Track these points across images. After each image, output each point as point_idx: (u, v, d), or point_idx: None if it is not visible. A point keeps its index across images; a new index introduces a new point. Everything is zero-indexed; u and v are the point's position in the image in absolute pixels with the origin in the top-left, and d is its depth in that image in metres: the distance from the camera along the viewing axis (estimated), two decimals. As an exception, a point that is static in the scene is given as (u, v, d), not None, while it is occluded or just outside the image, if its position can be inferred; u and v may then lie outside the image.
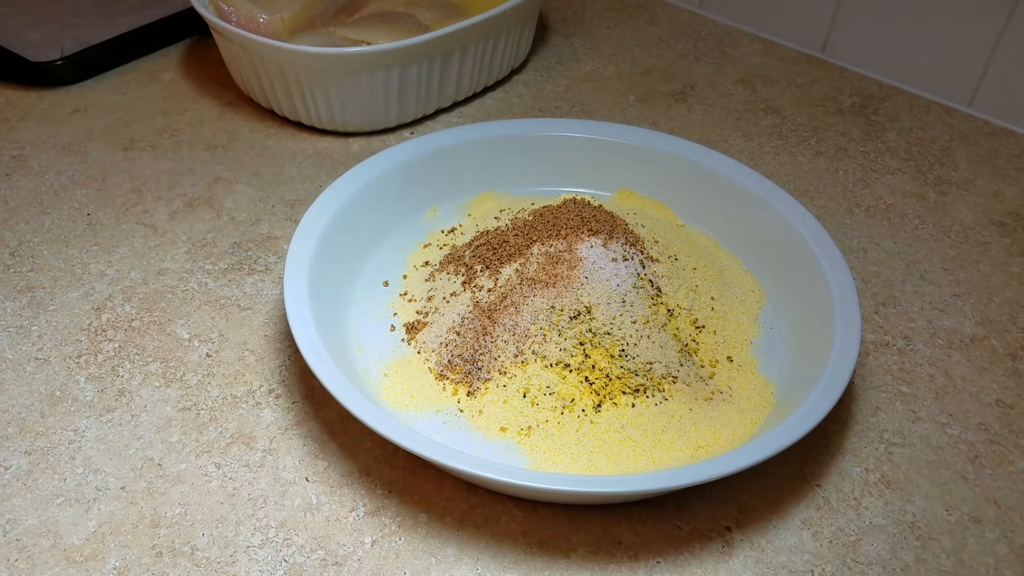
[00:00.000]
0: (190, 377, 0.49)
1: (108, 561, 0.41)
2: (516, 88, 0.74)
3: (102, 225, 0.58)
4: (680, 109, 0.72)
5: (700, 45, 0.81)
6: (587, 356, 0.46)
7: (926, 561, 0.42)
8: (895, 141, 0.69)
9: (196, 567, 0.40)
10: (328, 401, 0.47)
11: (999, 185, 0.65)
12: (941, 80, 0.73)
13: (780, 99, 0.74)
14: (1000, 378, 0.51)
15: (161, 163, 0.64)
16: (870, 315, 0.54)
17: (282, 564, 0.41)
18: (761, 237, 0.54)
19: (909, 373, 0.51)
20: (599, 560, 0.41)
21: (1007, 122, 0.71)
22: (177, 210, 0.60)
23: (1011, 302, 0.56)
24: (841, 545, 0.42)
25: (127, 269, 0.55)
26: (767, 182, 0.54)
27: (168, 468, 0.44)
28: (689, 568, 0.41)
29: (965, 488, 0.45)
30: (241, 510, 0.43)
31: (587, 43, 0.81)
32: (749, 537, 0.42)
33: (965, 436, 0.48)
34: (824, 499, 0.44)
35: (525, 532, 0.42)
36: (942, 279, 0.57)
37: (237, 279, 0.55)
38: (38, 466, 0.44)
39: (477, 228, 0.56)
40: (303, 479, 0.44)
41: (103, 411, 0.47)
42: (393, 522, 0.42)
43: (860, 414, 0.48)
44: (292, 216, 0.60)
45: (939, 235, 0.61)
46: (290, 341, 0.51)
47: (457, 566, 0.41)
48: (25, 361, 0.49)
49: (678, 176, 0.57)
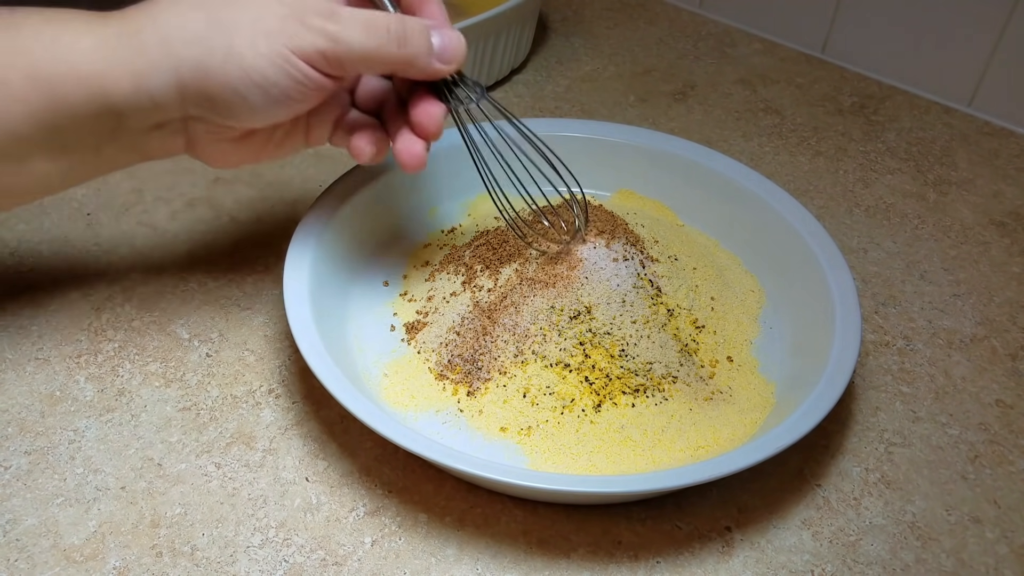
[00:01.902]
0: (190, 377, 0.49)
1: (108, 561, 0.41)
2: (516, 88, 0.74)
3: (102, 225, 0.58)
4: (680, 109, 0.72)
5: (700, 45, 0.81)
6: (587, 356, 0.46)
7: (926, 561, 0.42)
8: (895, 141, 0.69)
9: (196, 567, 0.40)
10: (328, 401, 0.47)
11: (999, 185, 0.65)
12: (941, 80, 0.73)
13: (780, 99, 0.74)
14: (1000, 378, 0.51)
15: (161, 163, 0.64)
16: (870, 315, 0.54)
17: (282, 564, 0.41)
18: (761, 237, 0.54)
19: (909, 373, 0.51)
20: (599, 560, 0.41)
21: (1007, 122, 0.71)
22: (177, 210, 0.60)
23: (1011, 302, 0.56)
24: (841, 545, 0.42)
25: (127, 269, 0.55)
26: (767, 182, 0.54)
27: (168, 468, 0.44)
28: (689, 568, 0.41)
29: (965, 488, 0.45)
30: (241, 510, 0.43)
31: (587, 43, 0.81)
32: (749, 537, 0.43)
33: (965, 436, 0.48)
34: (824, 499, 0.44)
35: (525, 532, 0.42)
36: (942, 279, 0.57)
37: (237, 279, 0.55)
38: (38, 466, 0.44)
39: (477, 228, 0.56)
40: (303, 479, 0.44)
41: (103, 411, 0.47)
42: (393, 522, 0.42)
43: (860, 414, 0.48)
44: (292, 216, 0.60)
45: (939, 235, 0.61)
46: (290, 341, 0.51)
47: (457, 566, 0.41)
48: (25, 361, 0.49)
49: (678, 176, 0.57)
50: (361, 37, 0.40)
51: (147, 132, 0.41)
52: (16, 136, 0.39)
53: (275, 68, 0.39)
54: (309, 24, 0.39)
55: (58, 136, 0.39)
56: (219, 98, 0.40)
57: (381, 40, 0.40)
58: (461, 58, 0.43)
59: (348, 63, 0.40)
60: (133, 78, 0.38)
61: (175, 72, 0.39)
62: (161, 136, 0.41)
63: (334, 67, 0.40)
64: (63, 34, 0.38)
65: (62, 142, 0.40)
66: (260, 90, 0.39)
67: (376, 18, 0.40)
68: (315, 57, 0.39)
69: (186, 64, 0.38)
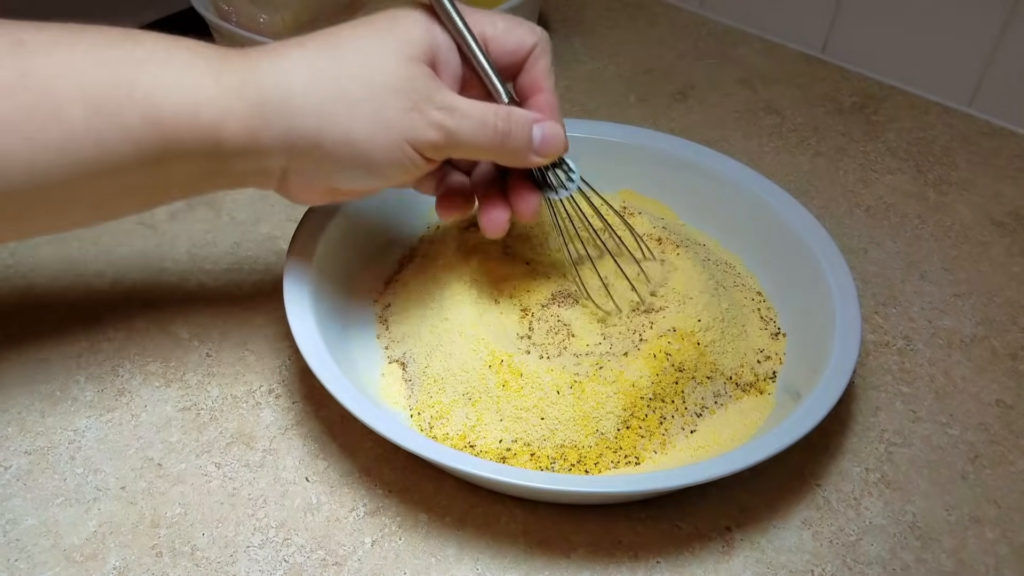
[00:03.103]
0: (190, 377, 0.49)
1: (108, 561, 0.41)
2: (516, 88, 0.74)
3: (102, 225, 0.58)
4: (680, 109, 0.72)
5: (700, 45, 0.81)
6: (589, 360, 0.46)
7: (926, 561, 0.42)
8: (895, 141, 0.69)
9: (196, 567, 0.40)
10: (328, 401, 0.47)
11: (999, 185, 0.65)
12: (941, 80, 0.73)
13: (780, 99, 0.74)
14: (1000, 378, 0.51)
15: (161, 163, 0.64)
16: (870, 315, 0.54)
17: (282, 564, 0.41)
18: (761, 237, 0.54)
19: (909, 373, 0.51)
20: (599, 560, 0.41)
21: (1007, 122, 0.71)
22: (177, 210, 0.60)
23: (1011, 302, 0.56)
24: (841, 545, 0.42)
25: (127, 269, 0.55)
26: (767, 182, 0.54)
27: (168, 468, 0.44)
28: (689, 568, 0.41)
29: (965, 488, 0.45)
30: (241, 510, 0.43)
31: (587, 43, 0.81)
32: (749, 537, 0.43)
33: (965, 436, 0.48)
34: (824, 499, 0.44)
35: (525, 532, 0.42)
36: (942, 279, 0.57)
37: (237, 279, 0.55)
38: (38, 466, 0.44)
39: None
40: (303, 479, 0.44)
41: (103, 411, 0.47)
42: (393, 522, 0.42)
43: (860, 414, 0.48)
44: (292, 216, 0.60)
45: (939, 235, 0.61)
46: (290, 341, 0.51)
47: (457, 566, 0.41)
48: (25, 361, 0.49)
49: (678, 176, 0.57)
50: (472, 133, 0.40)
51: (246, 176, 0.41)
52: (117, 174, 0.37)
53: (388, 157, 0.39)
54: (429, 118, 0.39)
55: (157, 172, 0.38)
56: (324, 167, 0.40)
57: (490, 137, 0.41)
58: (559, 153, 0.43)
59: (456, 153, 0.41)
60: (249, 132, 0.38)
61: (287, 135, 0.39)
62: (257, 179, 0.41)
63: (440, 155, 0.41)
64: (186, 76, 0.37)
65: (159, 178, 0.39)
66: (367, 170, 0.40)
67: (487, 115, 0.40)
68: (426, 147, 0.40)
69: (299, 132, 0.39)
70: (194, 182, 0.40)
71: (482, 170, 0.46)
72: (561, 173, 0.45)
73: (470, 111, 0.40)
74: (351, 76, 0.39)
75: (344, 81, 0.38)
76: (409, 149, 0.39)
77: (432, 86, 0.40)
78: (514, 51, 0.43)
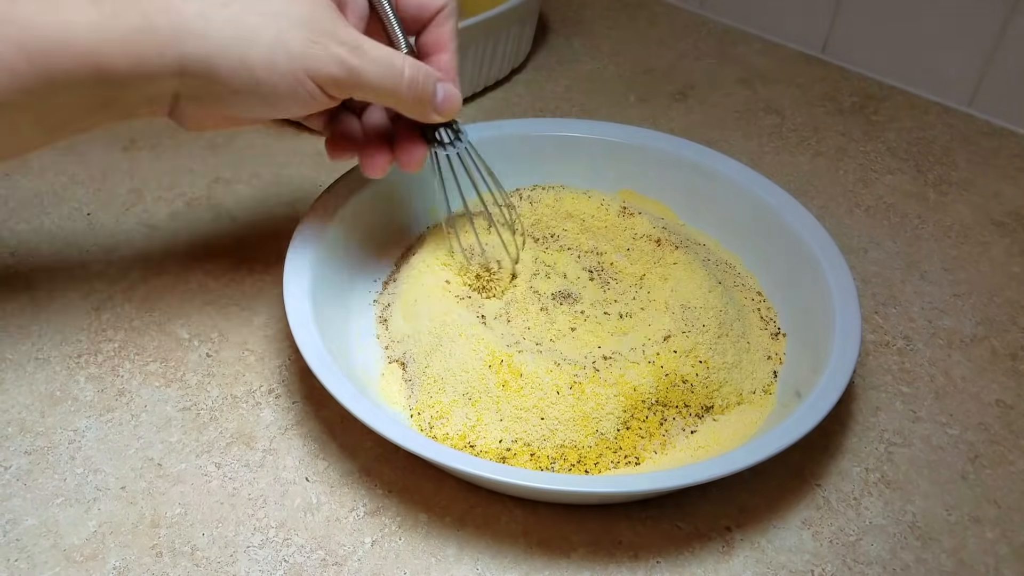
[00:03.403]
0: (190, 377, 0.49)
1: (108, 561, 0.41)
2: (516, 88, 0.74)
3: (102, 225, 0.58)
4: (680, 109, 0.72)
5: (700, 45, 0.81)
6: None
7: (926, 561, 0.42)
8: (895, 141, 0.69)
9: (196, 567, 0.40)
10: (328, 401, 0.47)
11: (999, 185, 0.65)
12: (941, 80, 0.73)
13: (780, 99, 0.74)
14: (1000, 378, 0.51)
15: (161, 163, 0.64)
16: (870, 315, 0.54)
17: (282, 564, 0.41)
18: (761, 237, 0.54)
19: (909, 373, 0.51)
20: (599, 560, 0.41)
21: (1007, 122, 0.71)
22: (177, 210, 0.60)
23: (1011, 302, 0.56)
24: (841, 545, 0.42)
25: (127, 269, 0.55)
26: (767, 182, 0.54)
27: (168, 468, 0.44)
28: (689, 568, 0.41)
29: (965, 488, 0.45)
30: (241, 510, 0.43)
31: (587, 43, 0.81)
32: (749, 537, 0.43)
33: (965, 436, 0.48)
34: (824, 499, 0.44)
35: (525, 532, 0.42)
36: (942, 279, 0.57)
37: (237, 279, 0.55)
38: (38, 466, 0.44)
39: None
40: (303, 479, 0.44)
41: (103, 411, 0.47)
42: (393, 522, 0.42)
43: (860, 414, 0.48)
44: (292, 216, 0.60)
45: (939, 235, 0.61)
46: (290, 341, 0.51)
47: (457, 566, 0.41)
48: (25, 361, 0.49)
49: (678, 176, 0.57)
50: (378, 75, 0.40)
51: (138, 103, 0.40)
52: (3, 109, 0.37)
53: (286, 87, 0.39)
54: (331, 52, 0.39)
55: (47, 105, 0.38)
56: (218, 93, 0.40)
57: (395, 82, 0.41)
58: (454, 114, 0.45)
59: (357, 94, 0.41)
60: (133, 60, 0.38)
61: (179, 61, 0.38)
62: (150, 106, 0.41)
63: (342, 93, 0.41)
64: (64, 6, 0.37)
65: (50, 110, 0.39)
66: (263, 99, 0.40)
67: (394, 60, 0.41)
68: (328, 82, 0.40)
69: (193, 58, 0.38)
70: (89, 114, 0.40)
71: (372, 114, 0.47)
72: (451, 132, 0.46)
73: (376, 53, 0.40)
74: (250, 2, 0.38)
75: (242, 6, 0.38)
76: (309, 82, 0.39)
77: (338, 21, 0.40)
78: (421, 6, 0.44)
